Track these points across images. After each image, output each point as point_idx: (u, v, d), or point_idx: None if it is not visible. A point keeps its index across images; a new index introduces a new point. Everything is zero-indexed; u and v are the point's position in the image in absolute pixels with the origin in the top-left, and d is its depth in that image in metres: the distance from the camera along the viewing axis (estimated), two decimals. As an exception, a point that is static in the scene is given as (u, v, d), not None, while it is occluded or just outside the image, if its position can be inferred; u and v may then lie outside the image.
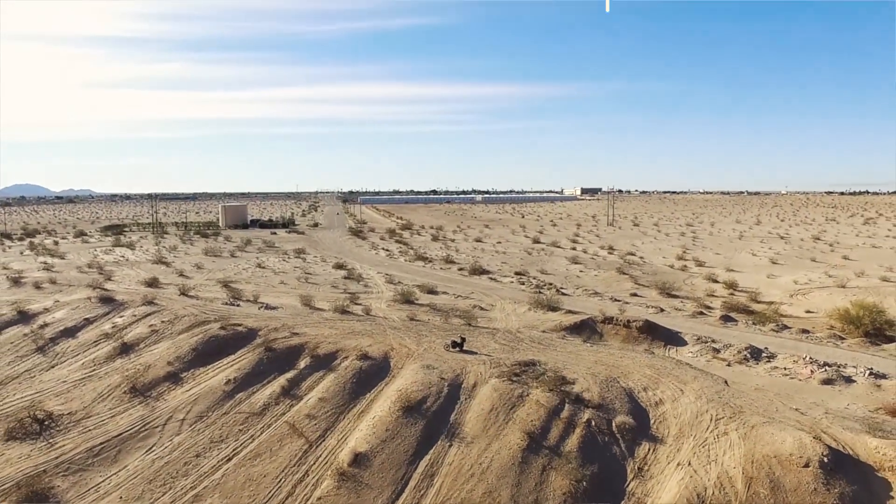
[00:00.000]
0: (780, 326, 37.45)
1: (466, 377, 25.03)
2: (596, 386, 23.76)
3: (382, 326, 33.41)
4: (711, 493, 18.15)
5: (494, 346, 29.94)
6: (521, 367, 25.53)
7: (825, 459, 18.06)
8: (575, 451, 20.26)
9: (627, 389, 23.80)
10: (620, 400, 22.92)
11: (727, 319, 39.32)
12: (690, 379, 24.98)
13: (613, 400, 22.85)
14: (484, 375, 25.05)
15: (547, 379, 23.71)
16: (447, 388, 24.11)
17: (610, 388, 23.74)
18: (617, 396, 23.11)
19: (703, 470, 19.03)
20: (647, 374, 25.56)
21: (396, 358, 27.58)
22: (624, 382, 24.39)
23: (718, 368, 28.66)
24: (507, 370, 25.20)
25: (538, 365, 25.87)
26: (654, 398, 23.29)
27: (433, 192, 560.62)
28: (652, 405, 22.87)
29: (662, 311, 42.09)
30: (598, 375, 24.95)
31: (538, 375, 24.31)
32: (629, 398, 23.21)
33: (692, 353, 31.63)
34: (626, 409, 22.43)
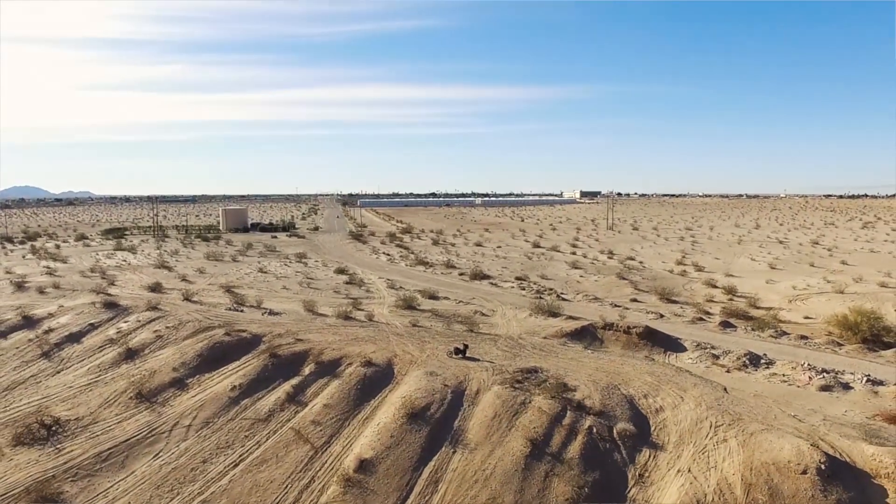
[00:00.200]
0: (778, 332, 37.80)
1: (469, 384, 25.37)
2: (597, 393, 24.10)
3: (385, 333, 33.75)
4: (711, 499, 18.49)
5: (496, 352, 30.29)
6: (523, 373, 25.87)
7: (822, 467, 18.41)
8: (577, 457, 20.61)
9: (628, 396, 24.15)
10: (621, 407, 23.27)
11: (726, 325, 39.66)
12: (690, 386, 25.33)
13: (614, 407, 23.20)
14: (486, 382, 25.39)
15: (549, 386, 24.05)
16: (450, 394, 24.44)
17: (611, 395, 24.09)
18: (618, 403, 23.46)
19: (702, 476, 19.37)
20: (647, 381, 25.91)
21: (400, 364, 27.91)
22: (625, 389, 24.74)
23: (718, 375, 29.01)
24: (509, 377, 25.53)
25: (540, 372, 26.21)
26: (654, 405, 23.63)
27: (432, 194, 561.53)
28: (652, 412, 23.22)
29: (662, 316, 42.44)
30: (599, 382, 25.29)
31: (540, 382, 24.66)
32: (630, 405, 23.55)
33: (692, 359, 31.96)
34: (626, 416, 22.78)
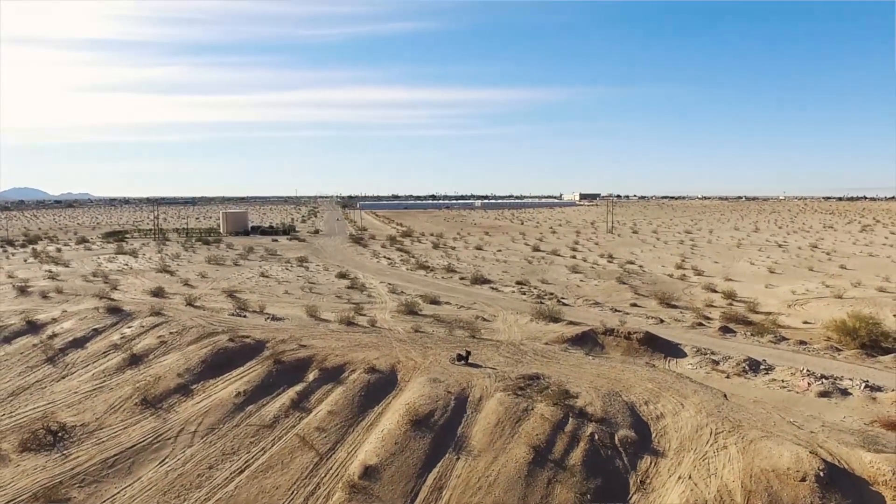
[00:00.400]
0: (777, 338, 38.09)
1: (472, 391, 25.64)
2: (599, 400, 24.38)
3: (388, 338, 34.03)
4: (712, 506, 18.75)
5: (499, 358, 30.57)
6: (525, 380, 26.14)
7: (821, 474, 18.69)
8: (579, 464, 20.88)
9: (629, 403, 24.43)
10: (623, 414, 23.55)
11: (726, 331, 39.96)
12: (691, 393, 25.61)
13: (616, 414, 23.48)
14: (489, 389, 25.66)
15: (551, 393, 24.33)
16: (454, 401, 24.71)
17: (612, 401, 24.37)
18: (619, 410, 23.74)
19: (703, 483, 19.64)
20: (648, 387, 26.20)
21: (403, 371, 28.18)
22: (626, 396, 25.02)
23: (718, 381, 29.28)
24: (511, 384, 25.81)
25: (542, 378, 26.48)
26: (655, 412, 23.91)
27: (432, 196, 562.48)
28: (653, 419, 23.50)
29: (662, 321, 42.75)
30: (600, 389, 25.57)
31: (542, 389, 24.93)
32: (631, 412, 23.83)
33: (692, 365, 32.23)
34: (628, 422, 23.05)
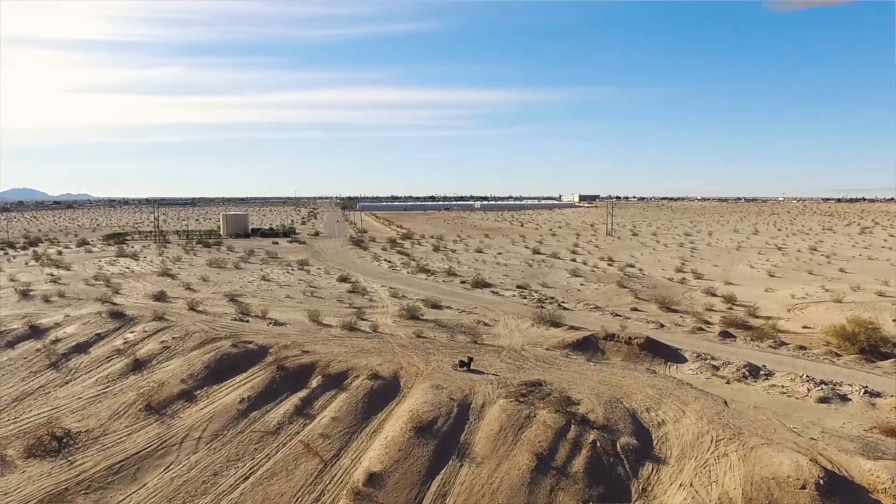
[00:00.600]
0: (777, 343, 38.28)
1: (475, 397, 25.83)
2: (600, 407, 24.57)
3: (391, 344, 34.21)
4: (713, 513, 18.93)
5: (501, 365, 30.76)
6: (527, 387, 26.34)
7: (821, 482, 18.88)
8: (581, 471, 21.07)
9: (631, 410, 24.62)
10: (624, 421, 23.74)
11: (726, 335, 40.15)
12: (691, 399, 25.81)
13: (617, 421, 23.67)
14: (492, 396, 25.85)
15: (553, 400, 24.52)
16: (457, 408, 24.90)
17: (614, 408, 24.57)
18: (621, 417, 23.93)
19: (704, 491, 19.83)
20: (649, 394, 26.39)
21: (406, 377, 28.36)
22: (627, 403, 25.22)
23: (718, 386, 29.48)
24: (514, 390, 26.01)
25: (544, 385, 26.68)
26: (656, 419, 24.10)
27: (431, 198, 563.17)
28: (654, 426, 23.69)
29: (663, 326, 42.93)
30: (601, 396, 25.77)
31: (544, 396, 25.12)
32: (632, 419, 24.03)
33: (692, 370, 32.43)
34: (629, 429, 23.25)
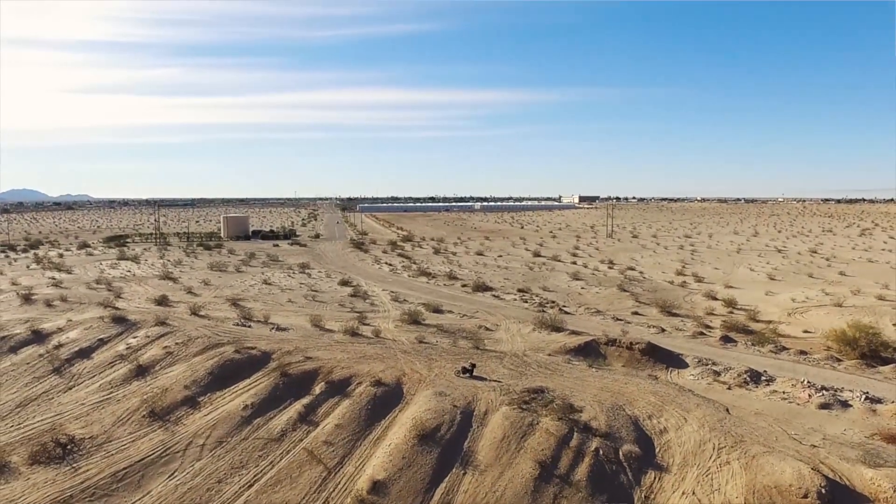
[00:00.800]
0: (778, 348, 38.39)
1: (478, 404, 25.94)
2: (603, 414, 24.69)
3: (393, 350, 34.31)
4: (715, 522, 19.04)
5: (503, 371, 30.87)
6: (529, 394, 26.45)
7: (823, 491, 18.99)
8: (584, 480, 21.19)
9: (633, 417, 24.74)
10: (626, 428, 23.86)
11: (727, 340, 40.28)
12: (693, 406, 25.92)
13: (620, 428, 23.79)
14: (494, 403, 25.96)
15: (555, 407, 24.63)
16: (460, 415, 25.01)
17: (616, 415, 24.68)
18: (623, 425, 24.05)
19: (706, 499, 19.94)
20: (651, 401, 26.50)
21: (409, 384, 28.47)
22: (629, 410, 25.33)
23: (719, 392, 29.60)
24: (516, 397, 26.12)
25: (546, 392, 26.78)
26: (658, 426, 24.22)
27: (431, 199, 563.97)
28: (657, 433, 23.80)
29: (664, 331, 43.06)
30: (604, 403, 25.88)
31: (547, 403, 25.23)
32: (635, 426, 24.15)
33: (693, 375, 32.54)
34: (632, 437, 23.37)
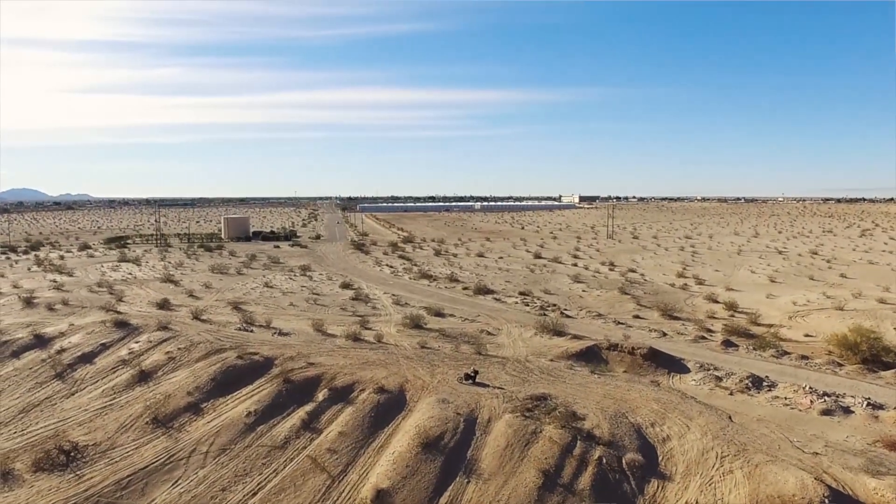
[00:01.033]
0: (779, 352, 38.45)
1: (481, 412, 25.98)
2: (606, 422, 24.73)
3: (395, 356, 34.34)
4: (719, 531, 19.08)
5: (505, 377, 30.91)
6: (532, 401, 26.48)
7: (826, 501, 19.04)
8: (588, 488, 21.23)
9: (636, 425, 24.78)
10: (629, 436, 23.90)
11: (728, 344, 40.32)
12: (696, 414, 25.96)
13: (623, 436, 23.83)
14: (497, 410, 26.00)
15: (558, 415, 24.66)
16: (463, 423, 25.04)
17: (619, 423, 24.72)
18: (626, 433, 24.09)
19: (710, 508, 19.98)
20: (653, 408, 26.55)
21: (412, 391, 28.51)
22: (632, 417, 25.38)
23: (721, 398, 29.67)
24: (519, 405, 26.16)
25: (549, 399, 26.82)
26: (661, 434, 24.26)
27: (431, 198, 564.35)
28: (659, 441, 23.84)
29: (665, 335, 43.11)
30: (606, 410, 25.92)
31: (550, 410, 25.27)
32: (637, 434, 24.19)
33: (695, 381, 32.59)
34: (635, 445, 23.41)
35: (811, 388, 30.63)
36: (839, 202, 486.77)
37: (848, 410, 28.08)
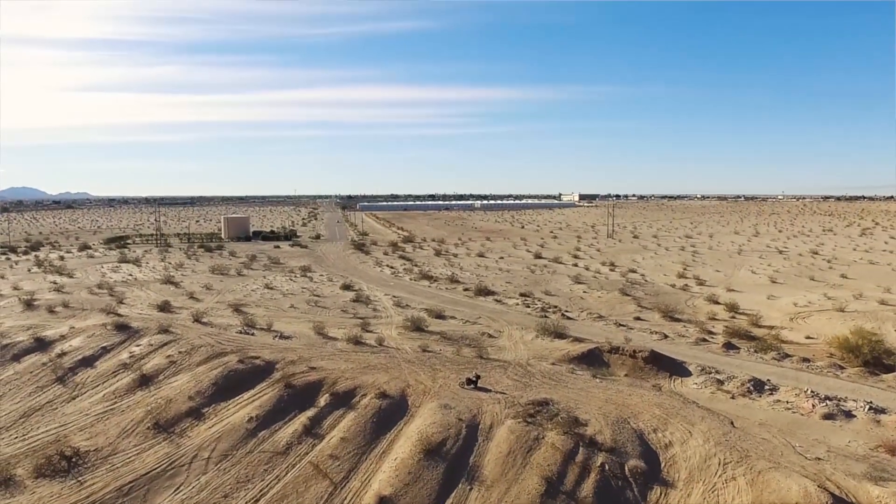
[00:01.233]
0: (781, 355, 38.41)
1: (483, 417, 25.95)
2: (608, 428, 24.70)
3: (397, 359, 34.31)
4: (722, 539, 19.06)
5: (507, 382, 30.87)
6: (534, 406, 26.45)
7: (829, 509, 19.02)
8: (591, 496, 21.19)
9: (638, 431, 24.75)
10: (632, 442, 23.87)
11: (729, 347, 40.28)
12: (698, 420, 25.94)
13: (625, 443, 23.80)
14: (499, 416, 25.97)
15: (561, 420, 24.63)
16: (465, 429, 25.01)
17: (621, 429, 24.70)
18: (628, 439, 24.07)
19: (713, 516, 19.96)
20: (655, 413, 26.52)
21: (414, 396, 28.47)
22: (634, 423, 25.35)
23: (723, 402, 29.64)
24: (521, 410, 26.12)
25: (551, 404, 26.79)
26: (663, 440, 24.23)
27: (431, 196, 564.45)
28: (662, 447, 23.82)
29: (666, 337, 43.07)
30: (609, 416, 25.89)
31: (552, 416, 25.24)
32: (640, 440, 24.16)
33: (697, 384, 32.57)
34: (637, 451, 23.38)
35: (813, 391, 30.61)
36: (839, 200, 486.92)
37: (850, 415, 28.05)
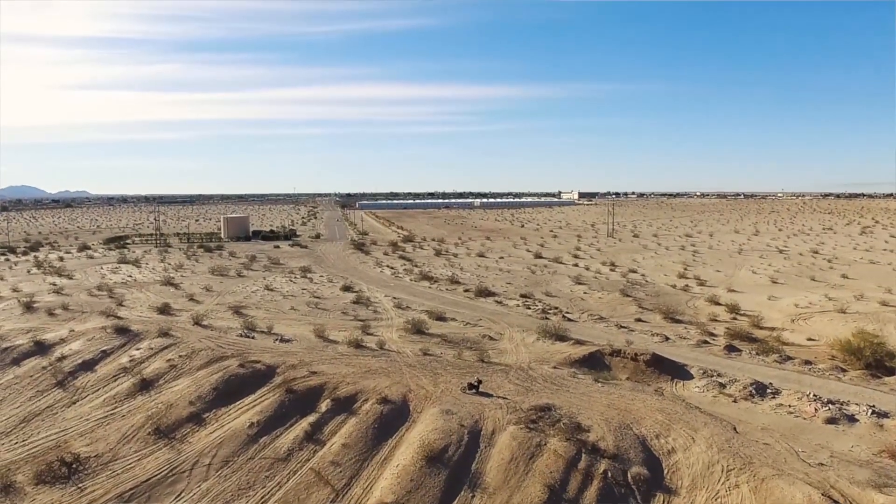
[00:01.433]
0: (783, 357, 38.28)
1: (485, 423, 25.84)
2: (610, 434, 24.60)
3: (398, 364, 34.19)
4: (725, 548, 18.97)
5: (509, 386, 30.75)
6: (536, 412, 26.33)
7: (834, 517, 18.93)
8: (594, 503, 21.09)
9: (640, 437, 24.65)
10: (634, 449, 23.77)
11: (731, 349, 40.17)
12: (701, 425, 25.83)
13: (628, 449, 23.70)
14: (501, 422, 25.86)
15: (563, 427, 24.53)
16: (467, 435, 24.91)
17: (624, 435, 24.59)
18: (631, 445, 23.96)
19: (716, 524, 19.87)
20: (658, 419, 26.40)
21: (415, 401, 28.36)
22: (637, 429, 25.24)
23: (725, 405, 29.54)
24: (523, 416, 26.02)
25: (553, 409, 26.68)
26: (666, 446, 24.13)
27: (430, 194, 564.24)
28: (664, 454, 23.72)
29: (667, 339, 42.96)
30: (611, 421, 25.79)
31: (554, 422, 25.14)
32: (642, 446, 24.06)
33: (699, 388, 32.45)
34: (640, 458, 23.28)
35: (815, 395, 30.49)
36: (839, 198, 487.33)
37: (852, 419, 27.92)
